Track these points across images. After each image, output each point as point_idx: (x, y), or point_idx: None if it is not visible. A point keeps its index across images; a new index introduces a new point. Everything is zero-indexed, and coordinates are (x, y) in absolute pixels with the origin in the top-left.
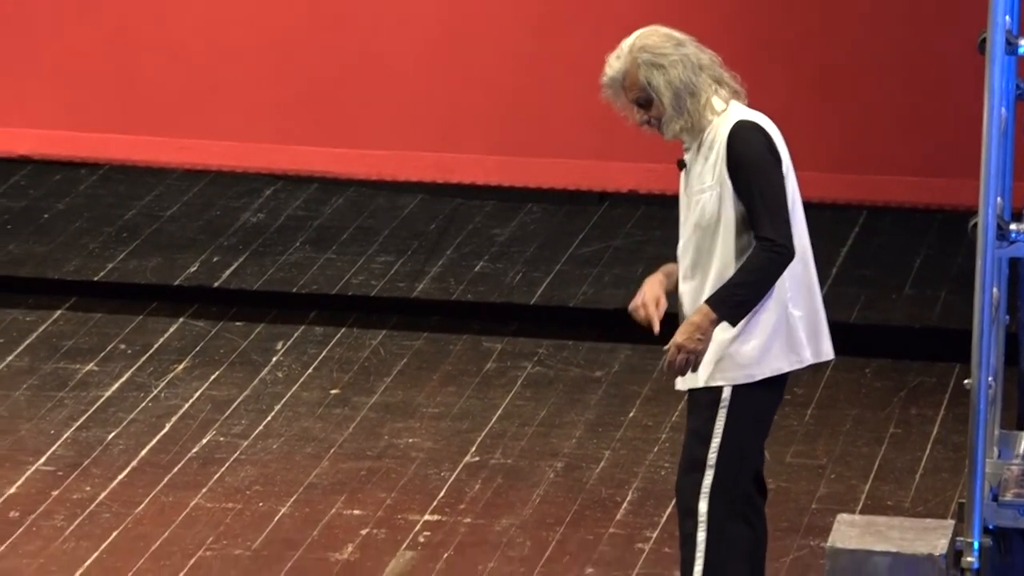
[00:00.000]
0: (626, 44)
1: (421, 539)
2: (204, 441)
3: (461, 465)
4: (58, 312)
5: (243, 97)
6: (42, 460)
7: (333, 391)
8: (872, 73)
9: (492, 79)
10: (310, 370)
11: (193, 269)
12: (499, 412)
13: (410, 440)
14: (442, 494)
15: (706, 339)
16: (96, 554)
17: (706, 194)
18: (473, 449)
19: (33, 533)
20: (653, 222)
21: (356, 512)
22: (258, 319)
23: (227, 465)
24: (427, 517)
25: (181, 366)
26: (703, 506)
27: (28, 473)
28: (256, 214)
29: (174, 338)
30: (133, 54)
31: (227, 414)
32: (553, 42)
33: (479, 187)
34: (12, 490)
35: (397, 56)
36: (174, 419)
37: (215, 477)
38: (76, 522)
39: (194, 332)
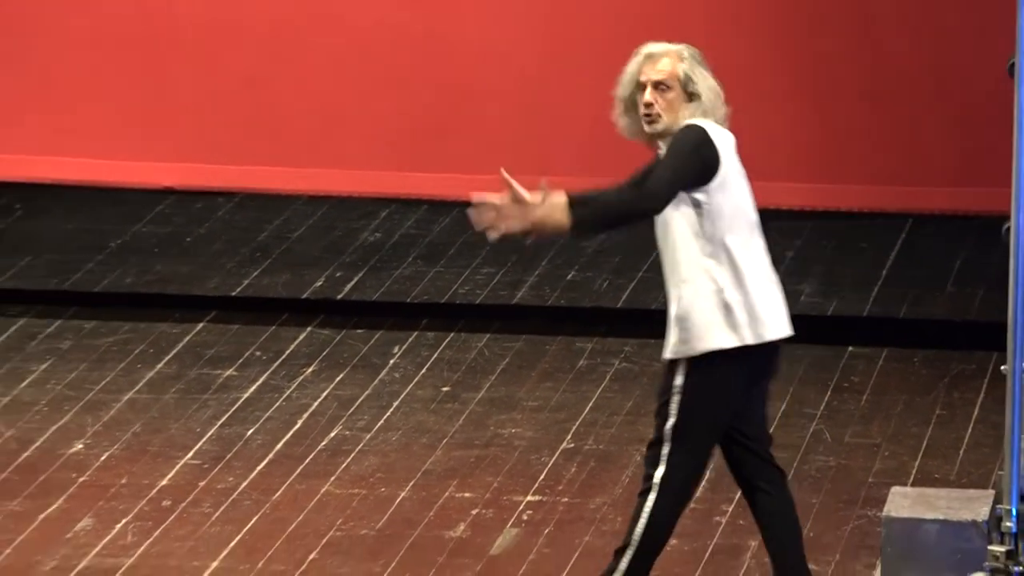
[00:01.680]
0: (667, 44)
1: (525, 517)
2: (332, 435)
3: (559, 451)
4: (201, 324)
5: (361, 130)
6: (190, 455)
7: (444, 388)
8: (914, 93)
9: (577, 110)
10: (423, 370)
11: (319, 284)
12: (591, 404)
13: (513, 430)
14: (542, 477)
15: (540, 225)
16: (239, 536)
17: None
18: (569, 437)
19: (183, 519)
20: None
21: (467, 495)
22: (377, 327)
23: (352, 456)
24: (529, 498)
25: (310, 369)
26: (657, 476)
27: (178, 466)
28: (373, 233)
29: (303, 345)
30: (263, 94)
31: (351, 411)
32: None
33: None
34: (164, 482)
35: (495, 91)
36: (305, 416)
37: (342, 466)
38: (221, 509)
39: (320, 339)
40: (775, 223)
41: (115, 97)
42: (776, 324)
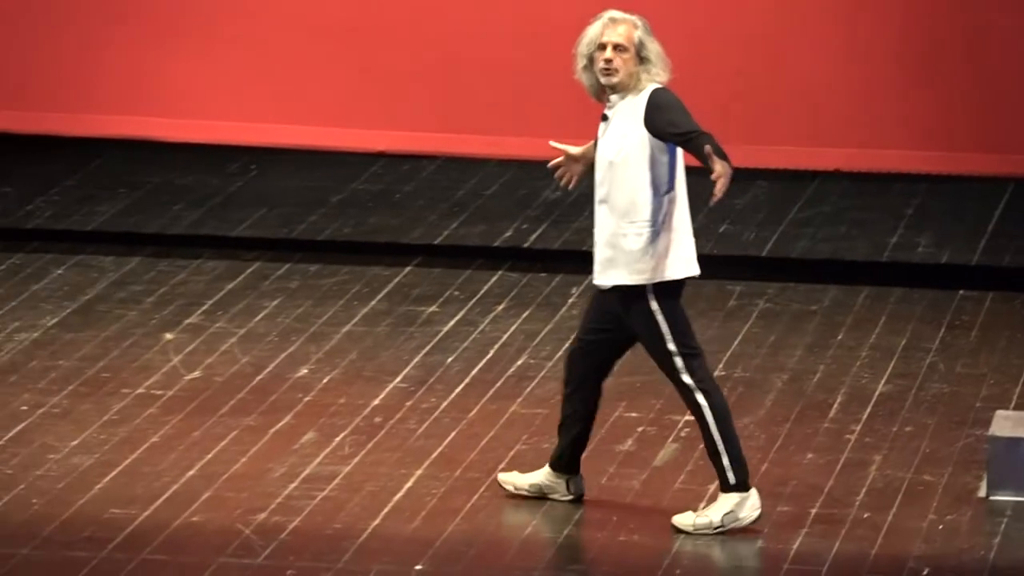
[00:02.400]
0: (625, 14)
1: (683, 434)
2: (519, 363)
3: None
4: (407, 268)
5: (543, 101)
6: (398, 379)
7: None
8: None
9: (727, 84)
10: None
11: (508, 234)
12: (739, 338)
13: None
14: None
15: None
16: (440, 449)
17: (625, 139)
18: (720, 365)
19: (392, 434)
20: (852, 192)
21: (633, 414)
22: (557, 271)
23: (536, 381)
24: (687, 418)
25: (500, 307)
26: (688, 379)
27: (388, 389)
28: (554, 191)
29: (495, 286)
30: (461, 70)
31: (536, 342)
32: (771, 49)
33: None
34: (376, 402)
35: None
36: (496, 347)
37: (527, 390)
38: (424, 425)
39: (510, 281)
40: (896, 185)
41: (335, 72)
42: (695, 264)
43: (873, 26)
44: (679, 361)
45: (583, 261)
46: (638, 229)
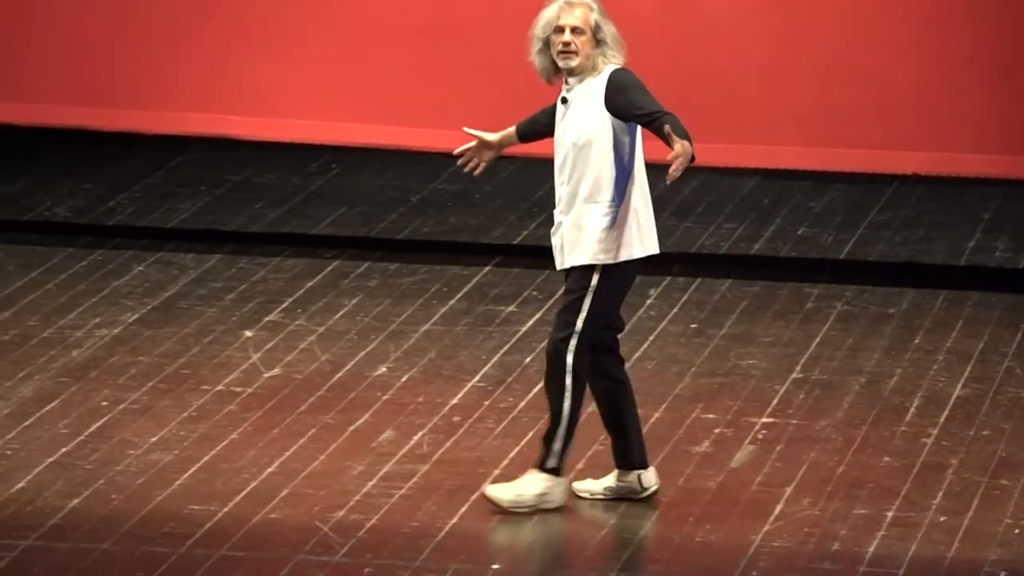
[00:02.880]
0: None
1: (760, 436)
2: None
3: (789, 380)
4: (487, 268)
5: None
6: (476, 378)
7: (692, 325)
8: None
9: (804, 87)
10: (675, 310)
11: None
12: (817, 340)
13: (750, 361)
14: (775, 402)
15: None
16: (517, 448)
17: (588, 121)
18: (798, 368)
19: (470, 433)
20: (929, 196)
21: (711, 416)
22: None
23: None
24: (764, 419)
25: None
26: (569, 359)
27: (466, 388)
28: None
29: None
30: (532, 74)
31: None
32: (848, 52)
33: (799, 171)
34: (454, 400)
35: (735, 69)
36: None
37: None
38: (502, 425)
39: None
40: (974, 189)
41: (417, 72)
42: (655, 242)
43: (950, 29)
44: (575, 339)
45: (661, 262)
46: (603, 209)
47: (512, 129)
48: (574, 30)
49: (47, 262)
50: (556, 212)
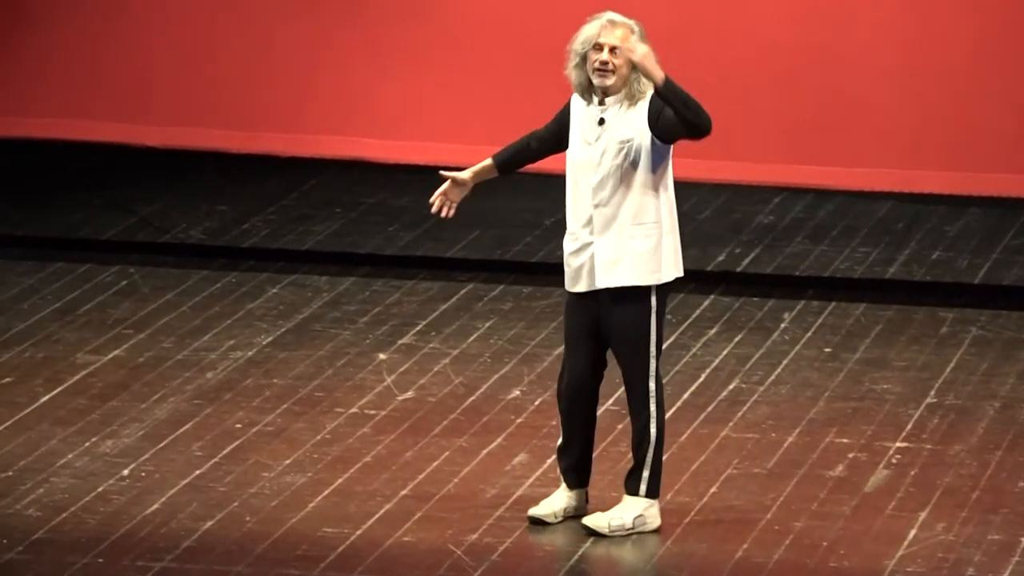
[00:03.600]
0: (623, 17)
1: (894, 460)
2: (731, 387)
3: (923, 404)
4: None
5: (756, 126)
6: (610, 401)
7: (826, 349)
8: None
9: (942, 111)
10: (809, 334)
11: (720, 258)
12: (951, 365)
13: (884, 386)
14: (909, 426)
15: (645, 64)
16: None
17: (632, 143)
18: (932, 392)
19: (603, 457)
20: None
21: (845, 440)
22: (769, 296)
23: (747, 405)
24: (898, 444)
25: (712, 331)
26: (652, 385)
27: (599, 412)
28: (767, 216)
29: (707, 310)
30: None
31: (747, 367)
32: (989, 77)
33: (934, 195)
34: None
35: (872, 92)
36: (707, 371)
37: (739, 414)
38: None
39: (722, 305)
40: None
41: (550, 93)
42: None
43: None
44: (653, 365)
45: (795, 286)
46: (647, 231)
47: (488, 162)
48: (613, 50)
49: (182, 284)
50: (582, 233)
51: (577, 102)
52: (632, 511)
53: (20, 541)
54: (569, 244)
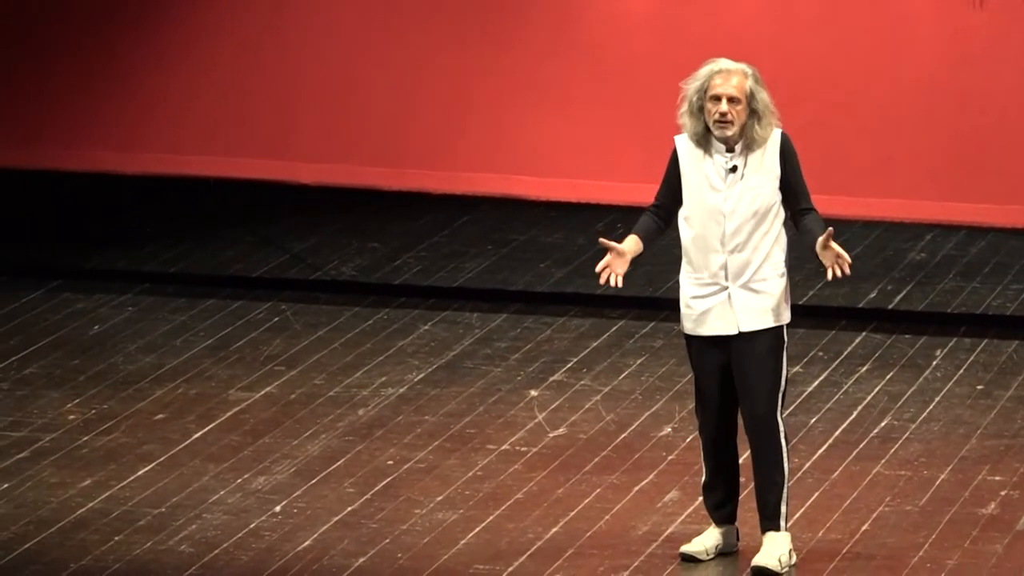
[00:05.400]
0: (736, 63)
1: None
2: (883, 424)
3: None
4: None
5: (908, 164)
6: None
7: (979, 387)
8: None
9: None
10: (961, 371)
11: (872, 295)
12: None
13: None
14: None
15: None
16: (802, 510)
17: (765, 188)
18: None
19: (751, 495)
20: None
21: (998, 478)
22: (921, 333)
23: (900, 442)
24: None
25: (864, 368)
26: (780, 418)
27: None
28: (919, 253)
29: (858, 347)
30: (829, 135)
31: (899, 404)
32: None
33: None
34: (739, 461)
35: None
36: (859, 408)
37: (891, 452)
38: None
39: (873, 343)
40: None
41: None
42: None
43: None
44: (780, 399)
45: (947, 323)
46: (780, 270)
47: (635, 237)
48: (731, 99)
49: (334, 321)
50: (714, 278)
51: (687, 149)
52: (785, 545)
53: None
54: (695, 288)
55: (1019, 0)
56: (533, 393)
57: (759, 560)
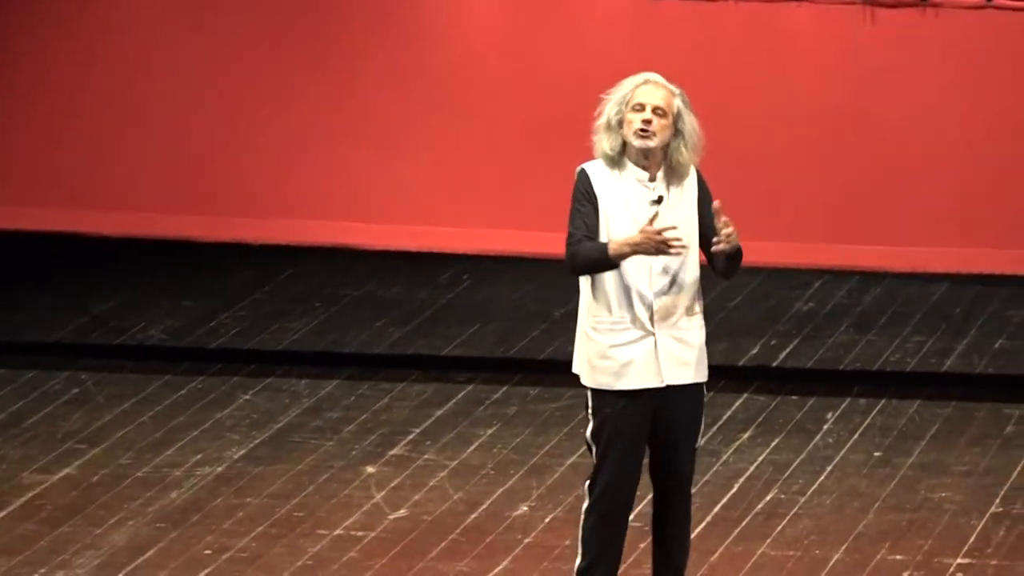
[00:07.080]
0: (664, 79)
1: None
2: (767, 498)
3: (987, 515)
4: None
5: (795, 204)
6: (631, 517)
7: (876, 453)
8: None
9: (1002, 184)
10: (856, 436)
11: (754, 351)
12: (1019, 468)
13: (943, 494)
14: (972, 540)
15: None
16: None
17: (689, 226)
18: (997, 501)
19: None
20: None
21: (899, 557)
22: (811, 393)
23: (787, 519)
24: (959, 560)
25: (746, 435)
26: (691, 481)
27: None
28: (807, 303)
29: (739, 411)
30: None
31: (786, 475)
32: None
33: (996, 276)
34: None
35: (925, 166)
36: (741, 480)
37: (778, 529)
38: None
39: (756, 405)
40: None
41: (556, 174)
42: None
43: None
44: (694, 462)
45: (839, 381)
46: (700, 322)
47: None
48: (656, 110)
49: (141, 391)
50: (637, 323)
51: (602, 176)
52: None
53: None
54: (614, 336)
55: (916, 12)
56: (370, 469)
57: None
